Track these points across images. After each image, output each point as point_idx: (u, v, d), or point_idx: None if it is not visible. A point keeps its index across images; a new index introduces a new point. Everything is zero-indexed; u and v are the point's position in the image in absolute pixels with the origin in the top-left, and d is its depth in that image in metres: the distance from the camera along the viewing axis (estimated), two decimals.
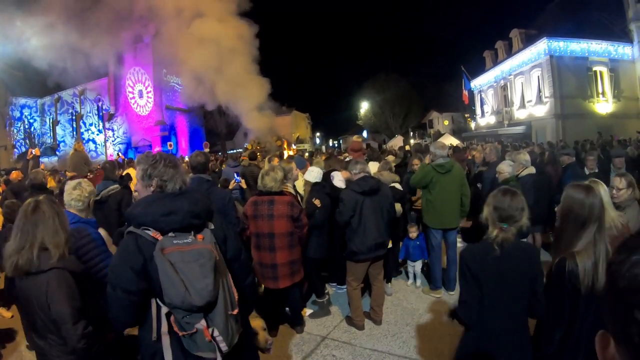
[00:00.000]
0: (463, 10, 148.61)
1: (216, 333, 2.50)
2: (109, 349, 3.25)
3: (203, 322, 2.47)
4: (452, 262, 7.30)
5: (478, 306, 3.20)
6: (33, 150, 11.74)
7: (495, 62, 43.37)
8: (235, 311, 2.65)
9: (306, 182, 6.85)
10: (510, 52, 40.17)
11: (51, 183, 10.46)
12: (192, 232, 2.60)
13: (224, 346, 2.53)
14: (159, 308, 2.57)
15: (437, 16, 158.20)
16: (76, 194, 4.27)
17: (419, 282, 7.64)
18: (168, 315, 2.53)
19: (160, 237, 2.52)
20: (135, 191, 3.56)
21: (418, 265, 7.67)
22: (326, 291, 7.11)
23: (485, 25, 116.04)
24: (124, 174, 7.73)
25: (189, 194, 2.79)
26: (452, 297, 7.08)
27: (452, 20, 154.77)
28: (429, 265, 7.72)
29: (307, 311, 6.79)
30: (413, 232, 7.65)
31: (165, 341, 2.55)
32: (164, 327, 2.55)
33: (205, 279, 2.43)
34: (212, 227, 2.76)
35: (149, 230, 2.55)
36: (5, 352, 6.14)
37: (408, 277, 7.83)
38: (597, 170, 8.84)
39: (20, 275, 2.95)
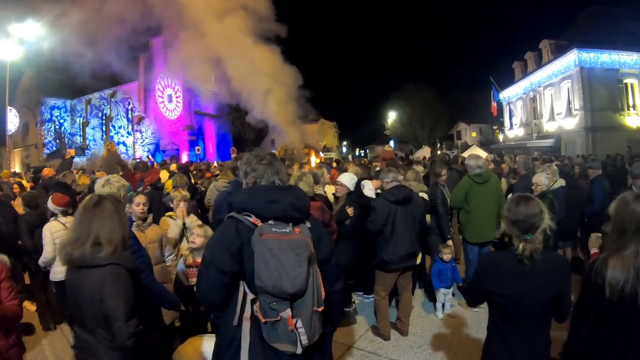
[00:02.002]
0: (492, 20, 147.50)
1: (299, 324, 2.53)
2: (154, 349, 3.28)
3: (288, 311, 2.51)
4: None
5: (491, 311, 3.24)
6: (70, 151, 11.99)
7: (525, 73, 42.84)
8: (321, 308, 2.66)
9: (341, 187, 6.74)
10: (539, 63, 39.68)
11: (85, 180, 10.64)
12: (291, 224, 2.70)
13: (304, 339, 2.54)
14: (245, 294, 2.67)
15: (467, 27, 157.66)
16: (106, 190, 4.31)
17: (449, 311, 7.04)
18: (253, 302, 2.62)
19: (260, 223, 2.64)
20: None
21: (450, 293, 7.02)
22: (352, 300, 7.07)
23: (514, 35, 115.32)
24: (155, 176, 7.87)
25: (293, 188, 2.99)
26: (484, 310, 7.02)
27: (481, 30, 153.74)
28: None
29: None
30: (447, 254, 6.88)
31: (246, 327, 2.64)
32: (247, 313, 2.63)
33: (300, 267, 2.50)
34: (309, 225, 2.84)
35: (249, 216, 2.69)
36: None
37: (436, 308, 7.01)
38: None
39: (73, 267, 2.98)
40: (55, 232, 5.94)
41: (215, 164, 22.86)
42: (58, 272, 5.72)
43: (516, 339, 3.06)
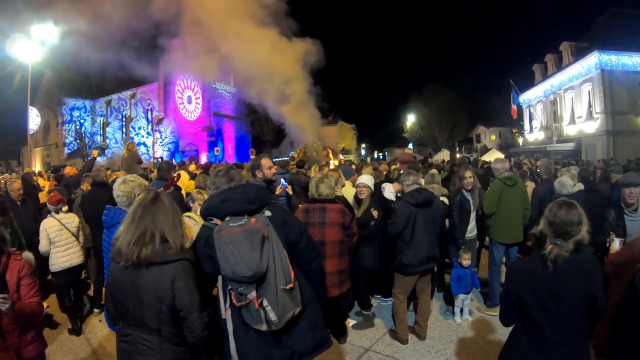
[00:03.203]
0: (512, 22, 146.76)
1: (265, 303, 2.84)
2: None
3: (253, 293, 2.82)
4: None
5: (519, 318, 3.24)
6: (93, 152, 12.19)
7: (545, 76, 42.44)
8: (289, 286, 2.94)
9: (364, 188, 6.72)
10: (560, 66, 39.23)
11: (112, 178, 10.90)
12: (246, 216, 3.03)
13: (273, 316, 2.85)
14: (225, 287, 3.01)
15: (487, 29, 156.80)
16: (122, 189, 4.36)
17: (468, 317, 6.96)
18: (229, 291, 2.94)
19: (219, 222, 3.01)
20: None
21: (469, 298, 6.97)
22: (371, 303, 7.05)
23: (534, 37, 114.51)
24: (175, 175, 7.96)
25: (244, 185, 3.38)
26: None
27: (501, 32, 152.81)
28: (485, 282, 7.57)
29: (351, 322, 6.76)
30: (466, 259, 6.85)
31: (228, 314, 3.00)
32: (227, 302, 3.00)
33: (253, 252, 2.80)
34: (269, 214, 3.14)
35: (213, 219, 3.09)
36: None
37: (454, 313, 6.96)
38: None
39: (132, 266, 2.96)
40: (49, 228, 6.70)
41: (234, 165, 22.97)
42: (55, 264, 6.73)
43: (552, 344, 3.06)
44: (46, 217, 6.93)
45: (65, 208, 7.17)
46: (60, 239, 6.78)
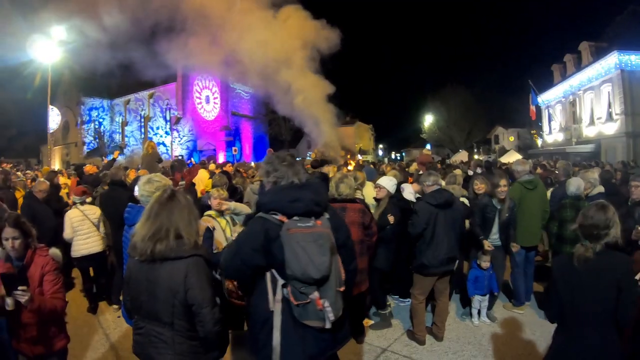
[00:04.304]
0: (531, 22, 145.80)
1: (326, 304, 2.93)
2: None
3: (316, 294, 2.92)
4: (529, 277, 7.38)
5: (561, 312, 3.32)
6: (115, 153, 12.49)
7: (564, 76, 41.93)
8: (342, 288, 3.10)
9: (381, 189, 6.72)
10: (579, 66, 38.73)
11: (133, 176, 11.09)
12: (313, 218, 3.07)
13: (331, 316, 2.95)
14: (274, 280, 3.05)
15: (505, 28, 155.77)
16: (146, 188, 4.39)
17: (486, 319, 6.93)
18: (284, 286, 3.00)
19: (286, 220, 3.01)
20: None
21: (486, 300, 6.90)
22: (388, 303, 7.04)
23: (553, 37, 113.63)
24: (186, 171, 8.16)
25: (311, 185, 3.30)
26: (522, 316, 7.04)
27: (519, 32, 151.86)
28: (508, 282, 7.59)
29: (369, 322, 6.77)
30: (485, 262, 6.77)
31: (277, 308, 3.03)
32: (278, 296, 3.03)
33: (323, 256, 2.90)
34: (328, 216, 3.21)
35: (276, 214, 3.05)
36: None
37: (471, 315, 6.94)
38: None
39: (147, 261, 3.04)
40: (73, 218, 7.44)
41: (252, 164, 23.12)
42: (76, 250, 7.44)
43: (584, 338, 3.16)
44: (71, 209, 7.67)
45: (88, 199, 7.86)
46: (83, 228, 7.46)
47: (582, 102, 37.98)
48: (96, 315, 7.51)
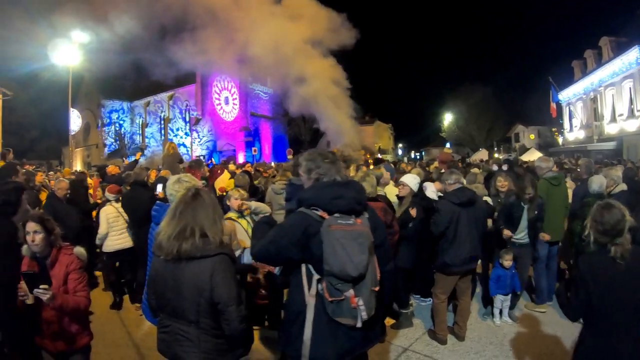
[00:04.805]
0: (550, 17, 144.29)
1: (360, 302, 2.94)
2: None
3: (351, 291, 2.93)
4: (552, 274, 7.36)
5: (587, 313, 3.29)
6: (137, 155, 12.74)
7: (585, 72, 41.15)
8: (377, 288, 3.09)
9: (404, 187, 6.77)
10: (600, 62, 37.93)
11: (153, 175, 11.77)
12: (353, 216, 3.08)
13: (364, 315, 2.96)
14: (310, 275, 3.09)
15: (524, 24, 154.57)
16: (175, 188, 4.43)
17: (508, 319, 6.87)
18: (319, 281, 3.03)
19: (327, 216, 3.02)
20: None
21: (508, 300, 6.84)
22: (410, 302, 7.03)
23: (573, 33, 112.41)
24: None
25: (354, 184, 3.36)
26: (544, 316, 7.00)
27: (539, 28, 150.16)
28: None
29: (390, 321, 6.76)
30: (508, 260, 6.70)
31: (311, 302, 3.06)
32: (313, 291, 3.06)
33: (362, 255, 2.91)
34: (367, 215, 3.23)
35: (317, 210, 3.07)
36: None
37: (493, 315, 6.90)
38: None
39: (177, 260, 3.05)
40: (109, 214, 7.81)
41: (272, 164, 23.27)
42: (109, 245, 7.80)
43: (622, 341, 3.11)
44: (105, 205, 8.10)
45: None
46: (117, 224, 7.85)
47: (603, 99, 37.26)
48: (119, 312, 7.67)
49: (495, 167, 12.11)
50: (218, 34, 31.36)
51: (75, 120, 50.92)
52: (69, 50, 30.36)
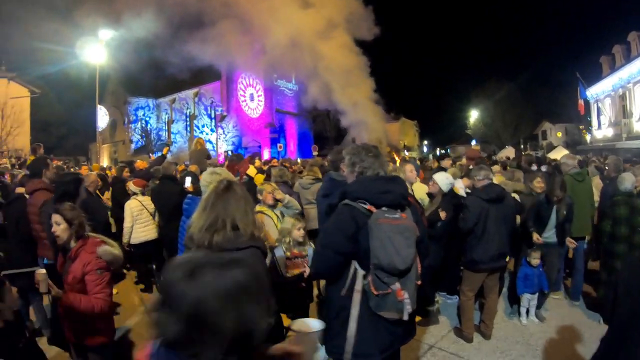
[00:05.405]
0: (577, 12, 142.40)
1: (406, 295, 3.01)
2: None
3: (398, 284, 3.00)
4: (578, 272, 7.30)
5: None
6: (165, 150, 12.99)
7: (613, 68, 40.13)
8: (419, 282, 3.21)
9: (434, 184, 6.76)
10: (628, 57, 36.95)
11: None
12: (399, 210, 3.16)
13: (409, 308, 3.03)
14: (355, 270, 3.13)
15: (551, 19, 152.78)
16: (209, 179, 4.51)
17: (534, 318, 6.77)
18: (364, 276, 3.09)
19: (374, 210, 3.08)
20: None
21: (535, 298, 6.72)
22: (436, 299, 7.03)
23: (601, 27, 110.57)
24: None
25: (399, 179, 3.43)
26: (575, 310, 7.03)
27: (566, 23, 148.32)
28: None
29: (417, 318, 6.74)
30: (535, 258, 6.61)
31: (356, 298, 3.11)
32: (358, 286, 3.11)
33: (409, 248, 3.00)
34: (411, 210, 3.31)
35: (364, 203, 3.12)
36: None
37: (520, 314, 6.80)
38: None
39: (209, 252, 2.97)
40: (133, 207, 8.10)
41: (298, 160, 23.40)
42: (134, 237, 8.08)
43: None
44: (129, 199, 8.35)
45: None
46: (141, 217, 8.15)
47: (633, 96, 36.24)
48: (143, 304, 7.85)
49: (534, 167, 11.97)
50: (242, 28, 31.58)
51: (102, 117, 51.65)
52: (96, 49, 30.94)
